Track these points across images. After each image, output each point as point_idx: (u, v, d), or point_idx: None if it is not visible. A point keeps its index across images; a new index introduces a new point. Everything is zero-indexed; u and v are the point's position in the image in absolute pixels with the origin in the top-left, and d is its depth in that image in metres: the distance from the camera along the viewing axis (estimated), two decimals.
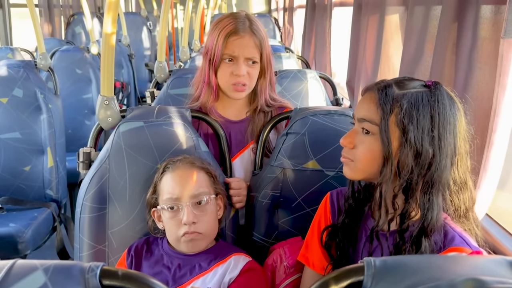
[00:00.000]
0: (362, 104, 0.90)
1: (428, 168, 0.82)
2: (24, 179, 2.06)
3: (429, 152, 0.82)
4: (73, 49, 3.23)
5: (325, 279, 0.54)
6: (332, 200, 1.03)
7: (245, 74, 1.31)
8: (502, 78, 1.05)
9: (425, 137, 0.82)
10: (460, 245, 0.81)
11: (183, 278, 1.07)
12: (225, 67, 1.31)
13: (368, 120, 0.87)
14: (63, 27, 5.06)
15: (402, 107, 0.83)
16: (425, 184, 0.83)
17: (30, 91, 2.08)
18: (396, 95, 0.85)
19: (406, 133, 0.82)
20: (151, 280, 0.52)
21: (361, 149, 0.89)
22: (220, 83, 1.34)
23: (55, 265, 0.50)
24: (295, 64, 2.51)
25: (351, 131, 0.92)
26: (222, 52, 1.30)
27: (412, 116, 0.82)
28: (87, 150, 1.30)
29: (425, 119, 0.82)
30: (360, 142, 0.89)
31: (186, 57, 2.73)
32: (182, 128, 1.25)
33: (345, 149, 0.92)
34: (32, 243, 1.88)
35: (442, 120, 0.83)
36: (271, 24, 5.35)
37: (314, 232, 1.04)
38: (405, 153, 0.82)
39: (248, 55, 1.30)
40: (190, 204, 1.06)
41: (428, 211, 0.82)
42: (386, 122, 0.83)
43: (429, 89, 0.85)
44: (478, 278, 0.48)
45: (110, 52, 1.24)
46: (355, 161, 0.90)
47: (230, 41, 1.29)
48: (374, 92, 0.88)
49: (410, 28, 1.54)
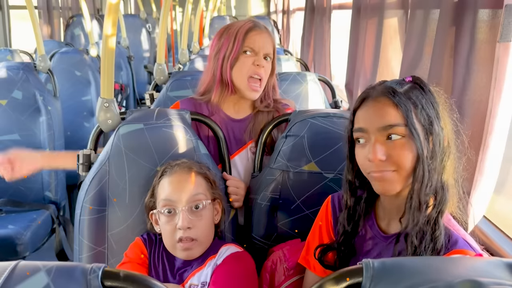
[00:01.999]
0: (378, 113, 0.86)
1: (444, 153, 0.86)
2: (23, 181, 2.05)
3: (443, 137, 0.85)
4: (72, 51, 3.23)
5: (323, 280, 0.55)
6: (333, 203, 1.03)
7: (265, 66, 1.36)
8: (498, 82, 1.06)
9: (438, 124, 0.86)
10: (464, 248, 0.82)
11: (183, 276, 1.08)
12: (245, 59, 1.35)
13: (396, 125, 0.85)
14: (62, 29, 5.07)
15: (416, 101, 0.86)
16: (441, 169, 0.86)
17: (29, 93, 2.09)
18: (404, 93, 0.86)
19: (432, 123, 0.85)
20: (152, 281, 0.53)
21: (399, 155, 0.84)
22: (237, 78, 1.36)
23: (57, 266, 0.51)
24: (294, 67, 2.52)
25: (377, 144, 0.85)
26: (243, 45, 1.34)
27: (425, 107, 0.86)
28: (87, 152, 1.30)
29: (431, 109, 0.86)
30: (392, 149, 0.85)
31: (185, 59, 2.74)
32: (181, 130, 1.26)
33: (379, 164, 0.85)
34: (31, 245, 1.88)
35: (440, 107, 0.87)
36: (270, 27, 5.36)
37: (315, 235, 1.04)
38: (429, 142, 0.85)
39: (266, 51, 1.37)
40: (186, 209, 1.07)
41: (444, 192, 0.84)
42: (412, 119, 0.84)
43: (415, 84, 0.88)
44: (475, 280, 0.48)
45: (110, 55, 1.25)
46: (398, 169, 0.85)
47: (251, 35, 1.35)
48: (383, 97, 0.87)
49: (409, 32, 1.55)
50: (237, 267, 1.07)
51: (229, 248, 1.11)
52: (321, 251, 0.99)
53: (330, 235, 1.02)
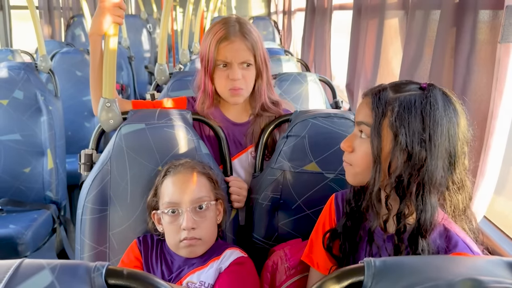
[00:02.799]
0: (360, 108, 0.92)
1: (419, 170, 0.83)
2: (24, 180, 2.06)
3: (421, 154, 0.82)
4: (73, 51, 3.23)
5: (325, 279, 0.55)
6: (337, 201, 1.04)
7: (241, 78, 1.31)
8: (499, 83, 1.07)
9: (415, 140, 0.82)
10: (464, 251, 0.82)
11: (180, 273, 1.09)
12: (220, 72, 1.32)
13: (365, 123, 0.89)
14: (63, 29, 5.07)
15: (394, 110, 0.84)
16: (418, 185, 0.83)
17: (30, 93, 2.09)
18: (389, 99, 0.86)
19: (397, 136, 0.83)
20: (155, 279, 0.53)
21: (358, 153, 0.90)
22: (218, 89, 1.35)
23: (61, 264, 0.51)
24: (294, 67, 2.52)
25: (351, 135, 0.93)
26: (215, 59, 1.31)
27: (404, 119, 0.83)
28: (89, 152, 1.31)
29: (416, 121, 0.83)
30: (358, 145, 0.90)
31: (186, 59, 2.74)
32: (183, 130, 1.26)
33: (345, 153, 0.93)
34: (32, 244, 1.88)
35: (433, 122, 0.82)
36: (270, 27, 5.37)
37: (319, 233, 1.05)
38: (396, 155, 0.83)
39: (241, 60, 1.30)
40: (190, 209, 1.07)
41: (422, 212, 0.83)
42: (377, 124, 0.85)
43: (423, 91, 0.86)
44: (476, 278, 0.49)
45: (112, 55, 1.25)
46: (353, 165, 0.91)
47: (222, 47, 1.30)
48: (369, 97, 0.90)
49: (409, 32, 1.55)
50: (242, 275, 1.08)
51: (233, 252, 1.11)
52: (329, 236, 1.00)
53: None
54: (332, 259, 1.01)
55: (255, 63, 1.33)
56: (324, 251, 1.02)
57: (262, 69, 1.35)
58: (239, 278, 1.07)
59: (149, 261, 1.12)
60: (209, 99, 1.37)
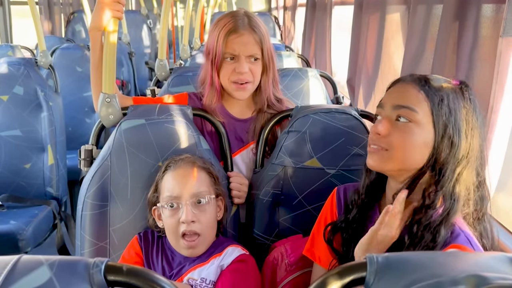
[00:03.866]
0: (399, 92, 0.89)
1: (460, 160, 0.85)
2: (25, 176, 2.06)
3: (464, 146, 0.84)
4: (73, 47, 3.22)
5: (327, 275, 0.54)
6: (338, 195, 1.04)
7: (248, 71, 1.30)
8: (500, 76, 1.06)
9: (461, 130, 0.85)
10: (464, 244, 0.82)
11: (181, 270, 1.09)
12: (227, 65, 1.31)
13: (407, 107, 0.86)
14: (63, 25, 5.05)
15: (444, 99, 0.85)
16: (455, 175, 0.85)
17: (30, 89, 2.08)
18: (436, 87, 0.86)
19: (448, 125, 0.84)
20: (155, 276, 0.53)
21: (398, 137, 0.86)
22: (223, 83, 1.34)
23: (60, 260, 0.50)
24: (295, 63, 2.51)
25: (383, 118, 0.88)
26: (223, 51, 1.29)
27: (452, 109, 0.85)
28: (89, 148, 1.30)
29: (460, 114, 0.85)
30: (396, 129, 0.86)
31: (186, 55, 2.73)
32: (183, 126, 1.26)
33: (375, 137, 0.89)
34: (33, 240, 1.88)
35: (473, 117, 0.86)
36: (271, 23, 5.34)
37: (320, 227, 1.04)
38: (443, 144, 0.84)
39: (249, 53, 1.30)
40: (189, 203, 1.07)
41: (455, 202, 0.84)
42: (438, 111, 0.85)
43: (460, 87, 0.88)
44: (480, 275, 0.48)
45: (111, 50, 1.24)
46: (390, 149, 0.87)
47: (230, 39, 1.29)
48: (413, 82, 0.88)
49: (411, 27, 1.54)
50: (244, 273, 1.08)
51: (235, 250, 1.11)
52: (331, 229, 0.99)
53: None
54: (333, 253, 1.00)
55: (262, 58, 1.33)
56: (326, 245, 1.01)
57: (269, 64, 1.34)
58: (242, 276, 1.06)
59: (150, 257, 1.12)
60: (217, 94, 1.35)
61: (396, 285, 0.50)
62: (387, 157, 0.88)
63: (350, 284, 0.53)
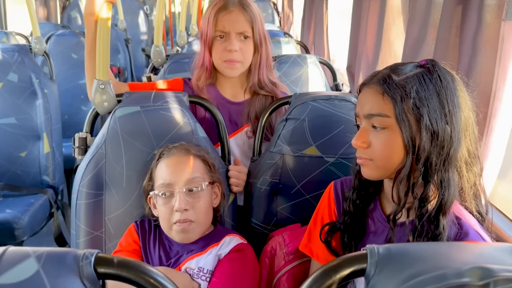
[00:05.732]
0: (366, 100, 0.86)
1: (445, 146, 0.81)
2: (20, 165, 2.04)
3: (446, 130, 0.81)
4: (68, 33, 3.18)
5: (327, 266, 0.53)
6: (336, 190, 1.01)
7: (238, 50, 1.31)
8: (502, 62, 1.03)
9: (438, 116, 0.81)
10: (475, 239, 0.81)
11: (179, 259, 1.08)
12: (218, 44, 1.32)
13: (377, 115, 0.84)
14: (59, 12, 4.99)
15: (410, 92, 0.81)
16: (442, 162, 0.82)
17: (25, 76, 2.05)
18: (399, 82, 0.83)
19: (421, 117, 0.80)
20: (147, 267, 0.51)
21: (378, 146, 0.85)
22: (215, 63, 1.34)
23: (48, 252, 0.48)
24: (294, 49, 2.48)
25: (361, 130, 0.87)
26: (214, 29, 1.30)
27: (422, 98, 0.81)
28: (83, 135, 1.28)
29: (433, 98, 0.81)
30: (375, 138, 0.85)
31: (183, 41, 2.69)
32: (179, 113, 1.23)
33: (359, 150, 0.88)
34: (29, 229, 1.87)
35: (449, 95, 0.82)
36: (270, 9, 5.28)
37: (317, 224, 1.02)
38: (423, 137, 0.81)
39: (238, 30, 1.30)
40: (183, 191, 1.05)
41: (446, 189, 0.81)
42: (401, 110, 0.81)
43: (427, 68, 0.84)
44: (485, 267, 0.46)
45: (105, 35, 1.21)
46: (374, 159, 0.86)
47: (220, 17, 1.30)
48: (375, 85, 0.85)
49: (413, 12, 1.51)
50: (243, 262, 1.06)
51: (232, 239, 1.09)
52: (328, 230, 0.97)
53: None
54: (331, 253, 0.98)
55: (253, 37, 1.33)
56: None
57: (260, 44, 1.34)
58: (240, 266, 1.05)
59: (147, 246, 1.11)
60: (206, 72, 1.36)
61: (397, 277, 0.48)
62: (374, 167, 0.87)
63: (350, 275, 0.51)
